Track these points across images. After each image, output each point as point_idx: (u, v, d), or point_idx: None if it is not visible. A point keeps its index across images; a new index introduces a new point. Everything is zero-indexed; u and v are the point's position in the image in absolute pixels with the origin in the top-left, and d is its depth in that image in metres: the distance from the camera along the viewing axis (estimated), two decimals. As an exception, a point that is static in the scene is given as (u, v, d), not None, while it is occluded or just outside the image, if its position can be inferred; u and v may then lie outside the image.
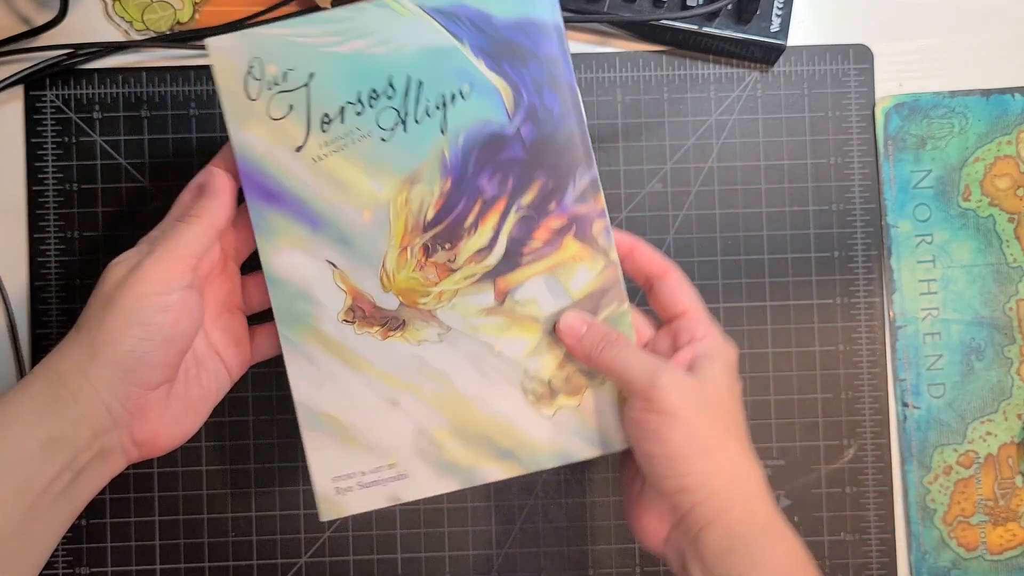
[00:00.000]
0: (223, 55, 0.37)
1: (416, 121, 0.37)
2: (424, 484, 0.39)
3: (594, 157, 0.38)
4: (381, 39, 0.37)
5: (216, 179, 0.38)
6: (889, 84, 0.49)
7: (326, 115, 0.37)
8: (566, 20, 0.38)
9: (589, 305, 0.39)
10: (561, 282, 0.38)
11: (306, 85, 0.37)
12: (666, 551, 0.38)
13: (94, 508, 0.47)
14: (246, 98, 0.37)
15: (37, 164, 0.48)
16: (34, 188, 0.48)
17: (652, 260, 0.40)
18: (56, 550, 0.47)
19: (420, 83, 0.37)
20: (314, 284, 0.38)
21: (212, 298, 0.40)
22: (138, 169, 0.48)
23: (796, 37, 0.49)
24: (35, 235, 0.48)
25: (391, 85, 0.37)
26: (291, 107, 0.37)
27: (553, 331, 0.39)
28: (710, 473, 0.36)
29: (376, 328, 0.39)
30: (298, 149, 0.37)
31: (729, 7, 0.46)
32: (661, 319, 0.41)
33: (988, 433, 0.49)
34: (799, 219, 0.49)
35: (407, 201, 0.38)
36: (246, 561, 0.48)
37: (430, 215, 0.38)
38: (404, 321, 0.39)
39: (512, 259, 0.38)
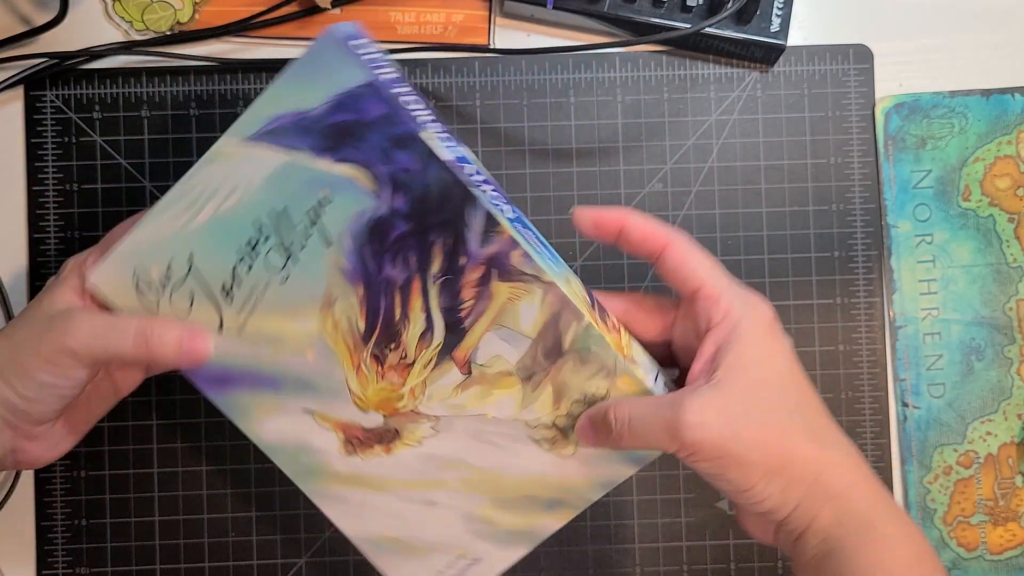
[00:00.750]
0: (107, 283, 0.37)
1: (302, 247, 0.35)
2: (497, 560, 0.40)
3: (479, 190, 0.34)
4: (227, 191, 0.35)
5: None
6: (889, 84, 0.49)
7: (223, 285, 0.36)
8: (567, 21, 0.38)
9: (549, 338, 0.36)
10: (511, 327, 0.36)
11: (190, 269, 0.36)
12: (778, 546, 0.36)
13: (94, 508, 0.47)
14: (149, 310, 0.36)
15: (37, 164, 0.48)
16: (34, 188, 0.48)
17: (647, 235, 0.36)
18: (56, 550, 0.47)
19: (284, 210, 0.35)
20: (305, 436, 0.38)
21: None
22: (138, 169, 0.48)
23: (796, 37, 0.49)
24: (35, 235, 0.48)
25: (260, 229, 0.36)
26: (192, 295, 0.36)
27: (530, 378, 0.37)
28: (784, 489, 0.32)
29: (377, 447, 0.39)
30: (220, 328, 0.37)
31: (729, 5, 0.46)
32: (679, 296, 0.37)
33: (988, 433, 0.49)
34: (799, 219, 0.49)
35: (335, 324, 0.36)
36: (246, 561, 0.48)
37: (361, 326, 0.36)
38: (396, 430, 0.38)
39: (455, 328, 0.36)
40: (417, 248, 0.35)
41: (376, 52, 0.35)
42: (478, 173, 0.36)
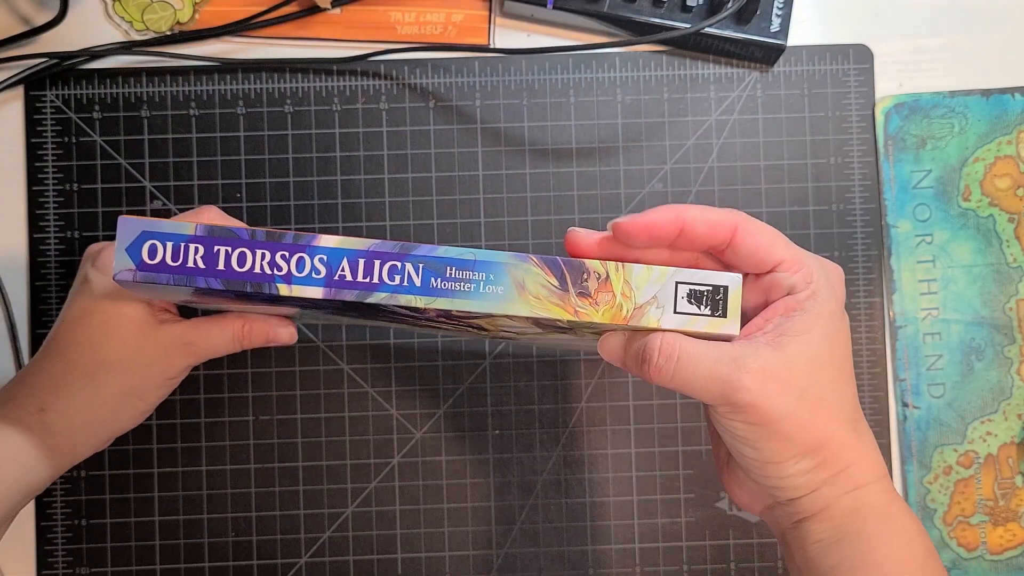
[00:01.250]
0: None
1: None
2: None
3: (372, 296, 0.32)
4: None
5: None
6: (889, 84, 0.49)
7: None
8: (567, 21, 0.37)
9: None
10: None
11: None
12: (764, 519, 0.35)
13: (94, 508, 0.47)
14: None
15: (37, 164, 0.48)
16: (34, 188, 0.48)
17: (713, 227, 0.32)
18: (56, 550, 0.47)
19: None
20: None
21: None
22: (138, 169, 0.48)
23: (796, 37, 0.49)
24: (35, 235, 0.48)
25: None
26: None
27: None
28: (810, 471, 0.31)
29: None
30: None
31: (729, 5, 0.46)
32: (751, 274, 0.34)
33: (988, 433, 0.48)
34: (799, 219, 0.49)
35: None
36: (246, 561, 0.48)
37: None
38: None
39: None
40: None
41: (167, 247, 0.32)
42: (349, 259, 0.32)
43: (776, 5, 0.47)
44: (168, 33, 0.49)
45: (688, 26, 0.46)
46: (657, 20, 0.47)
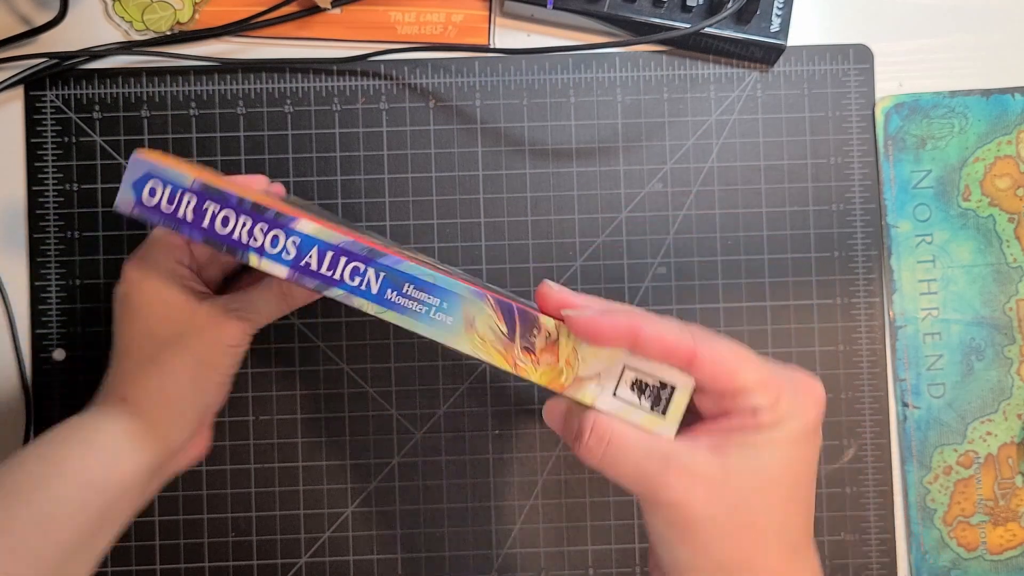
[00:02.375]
0: None
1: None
2: None
3: (331, 290, 0.33)
4: None
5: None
6: (889, 84, 0.49)
7: None
8: (567, 21, 0.37)
9: None
10: None
11: None
12: None
13: (94, 508, 0.47)
14: None
15: (37, 164, 0.48)
16: (34, 188, 0.48)
17: (667, 353, 0.30)
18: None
19: None
20: None
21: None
22: (138, 169, 0.48)
23: (796, 37, 0.49)
24: (35, 235, 0.48)
25: None
26: None
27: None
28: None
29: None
30: None
31: (729, 5, 0.46)
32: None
33: (988, 433, 0.48)
34: (799, 219, 0.49)
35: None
36: (246, 561, 0.48)
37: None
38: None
39: None
40: None
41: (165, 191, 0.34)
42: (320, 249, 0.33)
43: (776, 5, 0.47)
44: (168, 33, 0.49)
45: (688, 26, 0.46)
46: (657, 20, 0.47)
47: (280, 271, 0.33)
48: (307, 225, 0.33)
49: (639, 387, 0.31)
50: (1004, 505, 0.48)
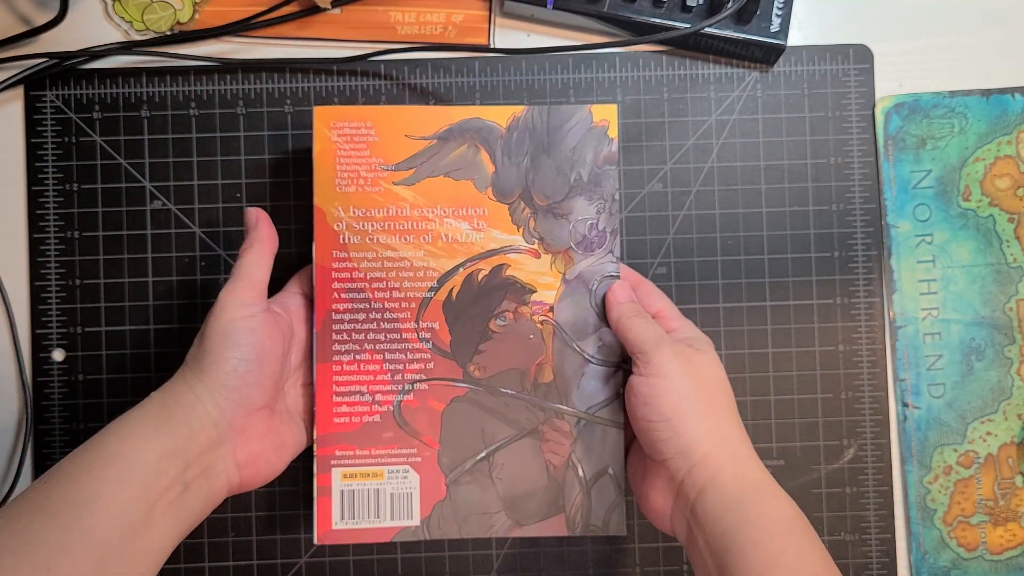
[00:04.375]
0: None
1: None
2: None
3: None
4: None
5: (250, 214, 0.42)
6: (889, 84, 0.49)
7: None
8: (567, 21, 0.38)
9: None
10: None
11: None
12: (674, 527, 0.40)
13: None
14: None
15: (37, 164, 0.48)
16: (34, 188, 0.48)
17: (628, 273, 0.45)
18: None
19: None
20: None
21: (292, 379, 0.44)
22: (138, 169, 0.48)
23: (796, 37, 0.49)
24: (35, 235, 0.48)
25: None
26: None
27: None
28: (701, 435, 0.39)
29: None
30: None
31: (729, 5, 0.46)
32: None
33: (988, 433, 0.48)
34: (799, 219, 0.49)
35: None
36: (246, 561, 0.48)
37: None
38: None
39: None
40: None
41: None
42: None
43: (776, 5, 0.47)
44: (168, 33, 0.49)
45: (688, 26, 0.46)
46: (657, 20, 0.47)
47: None
48: None
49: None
50: (1004, 505, 0.48)
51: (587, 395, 0.43)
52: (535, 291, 0.44)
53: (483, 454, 0.43)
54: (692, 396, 0.39)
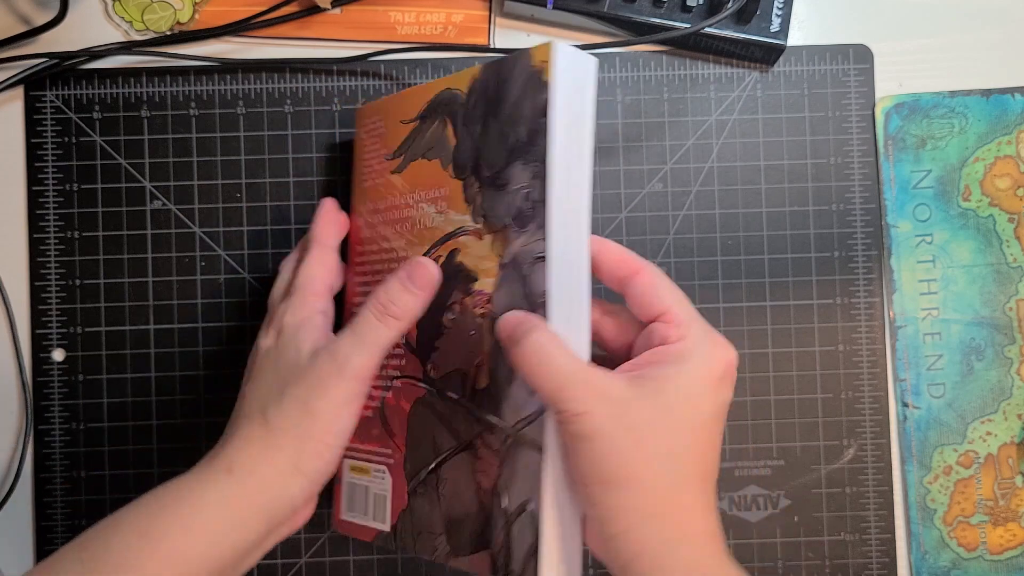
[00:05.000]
0: None
1: None
2: None
3: None
4: None
5: (424, 270, 0.36)
6: (889, 84, 0.49)
7: None
8: (567, 21, 0.38)
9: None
10: None
11: None
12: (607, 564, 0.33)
13: (94, 508, 0.47)
14: None
15: (37, 164, 0.48)
16: (34, 188, 0.48)
17: (619, 261, 0.35)
18: (56, 550, 0.47)
19: None
20: None
21: None
22: (138, 169, 0.48)
23: (796, 37, 0.49)
24: (35, 235, 0.48)
25: None
26: None
27: None
28: (620, 508, 0.31)
29: None
30: None
31: (729, 5, 0.46)
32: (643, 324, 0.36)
33: (988, 433, 0.49)
34: (799, 219, 0.49)
35: None
36: (246, 561, 0.48)
37: None
38: None
39: None
40: None
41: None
42: None
43: (776, 5, 0.47)
44: (168, 33, 0.49)
45: (688, 26, 0.46)
46: (657, 20, 0.47)
47: None
48: None
49: None
50: (1004, 505, 0.48)
51: (516, 407, 0.34)
52: (477, 279, 0.37)
53: (432, 465, 0.38)
54: (609, 463, 0.30)
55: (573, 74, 0.35)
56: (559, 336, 0.32)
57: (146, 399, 0.48)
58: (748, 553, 0.48)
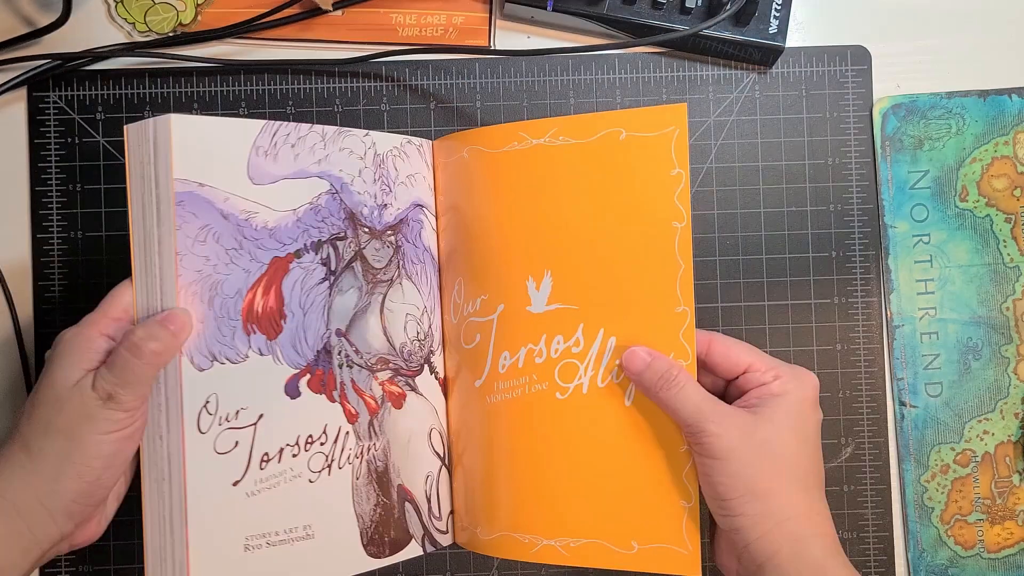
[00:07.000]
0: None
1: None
2: None
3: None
4: None
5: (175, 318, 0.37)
6: (887, 85, 0.50)
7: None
8: (566, 23, 0.38)
9: None
10: None
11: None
12: None
13: (97, 506, 0.48)
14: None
15: (40, 165, 0.48)
16: (37, 189, 0.48)
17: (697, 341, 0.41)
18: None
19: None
20: None
21: None
22: (141, 170, 0.48)
23: (794, 39, 0.50)
24: (38, 235, 0.48)
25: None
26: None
27: None
28: (760, 515, 0.37)
29: None
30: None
31: (728, 7, 0.46)
32: (725, 381, 0.42)
33: (985, 432, 0.49)
34: (797, 219, 0.49)
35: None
36: (248, 559, 0.48)
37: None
38: None
39: None
40: None
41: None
42: None
43: (774, 7, 0.47)
44: (171, 35, 0.49)
45: (687, 28, 0.46)
46: (656, 22, 0.47)
47: None
48: None
49: None
50: (1001, 504, 0.49)
51: None
52: None
53: None
54: (746, 474, 0.37)
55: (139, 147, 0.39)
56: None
57: (149, 398, 0.48)
58: (747, 551, 0.48)
